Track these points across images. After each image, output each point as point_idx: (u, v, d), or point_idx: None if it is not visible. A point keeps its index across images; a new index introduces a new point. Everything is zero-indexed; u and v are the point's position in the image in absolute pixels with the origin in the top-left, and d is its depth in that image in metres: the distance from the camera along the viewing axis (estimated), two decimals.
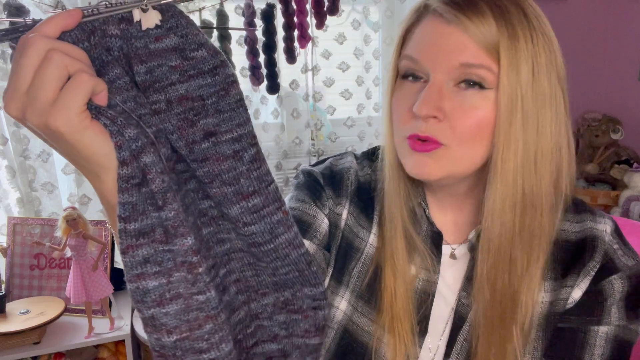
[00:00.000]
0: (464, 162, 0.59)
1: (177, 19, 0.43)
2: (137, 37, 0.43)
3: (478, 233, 0.65)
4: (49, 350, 1.49)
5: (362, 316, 0.68)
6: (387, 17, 2.12)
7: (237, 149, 0.46)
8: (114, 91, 0.42)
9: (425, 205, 0.68)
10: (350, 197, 0.71)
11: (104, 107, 0.41)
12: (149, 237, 0.43)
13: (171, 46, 0.43)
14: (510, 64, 0.55)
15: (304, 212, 0.69)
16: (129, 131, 0.41)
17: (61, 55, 0.38)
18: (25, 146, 1.66)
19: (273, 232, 0.50)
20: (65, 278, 1.59)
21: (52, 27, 0.40)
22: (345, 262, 0.70)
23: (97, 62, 0.42)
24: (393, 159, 0.65)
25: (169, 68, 0.43)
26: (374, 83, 2.11)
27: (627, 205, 2.08)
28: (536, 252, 0.61)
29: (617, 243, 0.64)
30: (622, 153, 2.34)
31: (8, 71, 1.57)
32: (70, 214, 1.45)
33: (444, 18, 0.56)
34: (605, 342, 0.62)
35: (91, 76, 0.39)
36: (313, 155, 2.15)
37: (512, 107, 0.56)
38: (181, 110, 0.45)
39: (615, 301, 0.62)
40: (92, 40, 0.42)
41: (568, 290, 0.64)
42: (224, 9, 1.68)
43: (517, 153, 0.57)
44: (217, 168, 0.46)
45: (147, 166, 0.42)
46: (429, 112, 0.56)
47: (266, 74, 1.82)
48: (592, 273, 0.63)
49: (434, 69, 0.57)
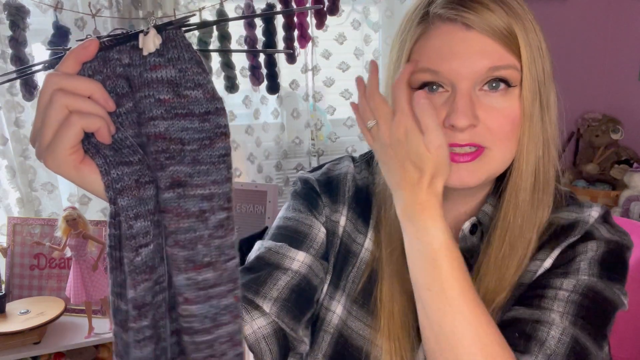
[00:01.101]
0: (503, 162, 0.59)
1: (180, 51, 0.40)
2: (134, 65, 0.40)
3: (472, 224, 0.65)
4: (49, 350, 1.49)
5: (356, 320, 0.68)
6: (387, 17, 2.11)
7: (205, 208, 0.41)
8: (128, 124, 0.41)
9: None
10: (348, 203, 0.71)
11: (102, 144, 0.40)
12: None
13: (166, 78, 0.40)
14: (529, 57, 0.55)
15: (300, 222, 0.69)
16: (113, 171, 0.40)
17: (61, 96, 0.38)
18: (25, 146, 1.66)
19: (216, 320, 0.43)
20: (65, 278, 1.58)
21: (71, 62, 0.40)
22: (343, 267, 0.69)
23: (114, 94, 0.40)
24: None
25: (156, 101, 0.40)
26: None
27: (627, 205, 2.08)
28: (537, 227, 0.62)
29: (602, 224, 0.63)
30: (622, 153, 2.34)
31: (7, 71, 1.57)
32: (70, 214, 1.45)
33: (459, 23, 0.55)
34: (573, 290, 0.58)
35: (82, 116, 0.39)
36: (313, 155, 2.15)
37: (534, 100, 0.56)
38: (154, 149, 0.40)
39: (585, 257, 0.60)
40: (106, 71, 0.40)
41: (538, 262, 0.62)
42: (224, 9, 1.68)
43: (538, 143, 0.58)
44: (174, 225, 0.41)
45: (121, 209, 0.40)
46: (469, 122, 0.55)
47: (266, 74, 1.82)
48: (565, 244, 0.62)
49: (460, 78, 0.55)
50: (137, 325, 0.41)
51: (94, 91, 0.40)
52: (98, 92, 0.40)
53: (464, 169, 0.58)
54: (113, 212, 0.40)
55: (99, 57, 0.40)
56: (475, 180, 0.58)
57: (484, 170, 0.58)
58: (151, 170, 0.41)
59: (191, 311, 0.42)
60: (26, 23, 1.49)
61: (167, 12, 1.71)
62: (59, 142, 0.39)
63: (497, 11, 0.54)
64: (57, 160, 0.39)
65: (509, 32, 0.55)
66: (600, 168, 2.34)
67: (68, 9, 1.57)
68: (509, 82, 0.56)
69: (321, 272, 0.68)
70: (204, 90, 0.41)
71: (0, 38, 1.54)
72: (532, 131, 0.57)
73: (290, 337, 0.64)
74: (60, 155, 0.39)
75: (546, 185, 0.61)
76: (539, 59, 0.57)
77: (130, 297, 0.41)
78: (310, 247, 0.68)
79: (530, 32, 0.56)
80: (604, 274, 0.59)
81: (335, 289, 0.69)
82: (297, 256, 0.66)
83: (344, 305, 0.68)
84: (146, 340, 0.42)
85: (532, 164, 0.58)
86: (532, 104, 0.56)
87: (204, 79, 0.40)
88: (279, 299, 0.63)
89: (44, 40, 1.56)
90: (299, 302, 0.65)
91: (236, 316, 0.44)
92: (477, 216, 0.66)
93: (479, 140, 0.57)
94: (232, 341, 0.44)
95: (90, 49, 0.40)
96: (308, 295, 0.66)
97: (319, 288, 0.69)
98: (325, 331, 0.68)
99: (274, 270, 0.65)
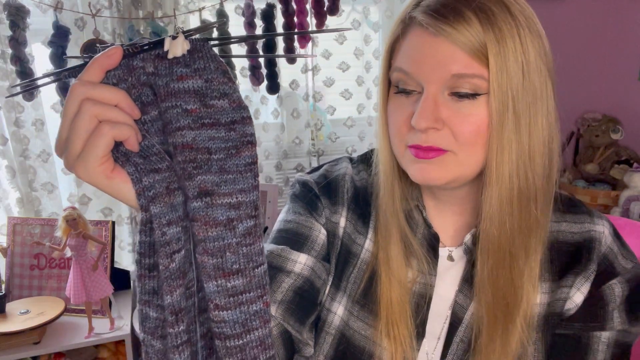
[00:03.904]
0: (469, 166, 0.59)
1: (207, 62, 0.40)
2: (162, 74, 0.40)
3: (474, 235, 0.65)
4: (49, 350, 1.49)
5: (358, 320, 0.68)
6: (387, 17, 2.11)
7: (233, 217, 0.42)
8: (154, 132, 0.41)
9: (423, 207, 0.68)
10: (347, 204, 0.71)
11: (132, 152, 0.40)
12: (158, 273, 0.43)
13: (193, 88, 0.40)
14: (500, 68, 0.54)
15: (301, 224, 0.69)
16: (145, 179, 0.40)
17: (90, 106, 0.38)
18: (25, 146, 1.66)
19: (246, 325, 0.44)
20: (65, 278, 1.59)
21: (95, 71, 0.39)
22: (344, 268, 0.69)
23: (139, 102, 0.41)
24: (388, 164, 0.65)
25: (183, 111, 0.40)
26: (374, 83, 2.11)
27: (627, 205, 2.08)
28: (534, 245, 0.61)
29: (617, 246, 0.64)
30: (622, 153, 2.34)
31: (7, 71, 1.57)
32: (70, 214, 1.45)
33: (430, 30, 0.55)
34: (607, 347, 0.62)
35: (113, 125, 0.39)
36: (313, 155, 2.15)
37: (503, 110, 0.55)
38: (182, 159, 0.41)
39: (616, 306, 0.62)
40: (131, 79, 0.40)
41: (566, 290, 0.64)
42: (224, 9, 1.68)
43: (511, 155, 0.57)
44: (203, 233, 0.42)
45: (153, 216, 0.40)
46: (427, 125, 0.56)
47: (266, 74, 1.82)
48: (592, 277, 0.63)
49: (427, 81, 0.56)
50: (174, 331, 0.42)
51: (121, 100, 0.40)
52: (124, 101, 0.40)
53: (426, 165, 0.58)
54: (144, 219, 0.41)
55: (123, 65, 0.40)
56: (439, 178, 0.58)
57: (447, 170, 0.58)
58: (178, 178, 0.41)
59: (222, 317, 0.43)
60: (26, 23, 1.49)
61: (167, 12, 1.71)
62: (91, 152, 0.39)
63: (470, 21, 0.54)
64: (88, 171, 0.40)
65: (479, 43, 0.54)
66: (600, 168, 2.34)
67: (68, 9, 1.57)
68: (475, 91, 0.55)
69: (323, 274, 0.69)
70: (230, 100, 0.41)
71: (0, 38, 1.54)
72: (503, 140, 0.56)
73: (296, 340, 0.65)
74: (92, 166, 0.39)
75: (531, 198, 0.59)
76: (516, 67, 0.55)
77: (167, 302, 0.41)
78: (312, 249, 0.68)
79: (509, 42, 0.54)
80: (631, 317, 0.63)
81: (336, 290, 0.69)
82: (299, 258, 0.66)
83: (345, 306, 0.68)
84: (184, 344, 0.43)
85: (506, 174, 0.57)
86: (501, 114, 0.55)
87: (230, 88, 0.41)
88: (284, 302, 0.64)
89: (44, 40, 1.56)
90: (303, 304, 0.65)
91: (266, 321, 0.44)
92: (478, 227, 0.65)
93: (441, 143, 0.57)
94: (262, 345, 0.45)
95: (114, 57, 0.39)
96: (311, 297, 0.66)
97: (322, 290, 0.69)
98: (327, 332, 0.68)
99: (277, 273, 0.65)
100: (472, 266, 0.65)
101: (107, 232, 1.66)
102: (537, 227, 0.61)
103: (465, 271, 0.66)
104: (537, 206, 0.60)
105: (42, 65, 1.60)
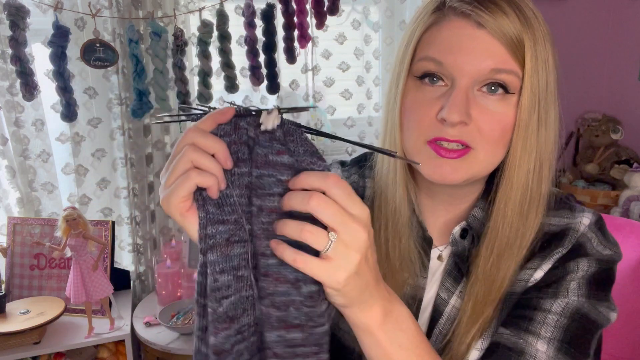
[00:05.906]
0: (487, 165, 0.59)
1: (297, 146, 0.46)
2: (262, 145, 0.46)
3: (462, 228, 0.66)
4: (49, 350, 1.49)
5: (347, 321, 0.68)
6: (387, 17, 2.11)
7: (300, 278, 0.46)
8: (237, 184, 0.46)
9: (420, 211, 0.68)
10: None
11: (209, 198, 0.45)
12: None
13: (287, 163, 0.45)
14: (533, 68, 0.55)
15: None
16: (209, 228, 0.45)
17: (191, 151, 0.43)
18: (25, 146, 1.66)
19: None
20: (65, 278, 1.58)
21: (209, 122, 0.45)
22: None
23: (235, 156, 0.46)
24: (398, 166, 0.64)
25: (277, 180, 0.45)
26: (374, 83, 2.11)
27: (627, 205, 2.08)
28: (526, 240, 0.62)
29: (594, 234, 0.63)
30: (622, 153, 2.34)
31: (7, 71, 1.57)
32: (70, 214, 1.45)
33: (472, 20, 0.55)
34: (562, 313, 0.59)
35: (200, 173, 0.43)
36: None
37: (531, 111, 0.56)
38: (266, 220, 0.46)
39: (576, 277, 0.60)
40: (235, 136, 0.46)
41: (530, 272, 0.62)
42: (224, 9, 1.68)
43: (531, 156, 0.57)
44: (272, 287, 0.46)
45: (209, 263, 0.45)
46: (460, 118, 0.55)
47: (266, 74, 1.82)
48: (557, 256, 0.62)
49: (461, 74, 0.55)
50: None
51: (218, 150, 0.44)
52: (221, 152, 0.44)
53: (447, 164, 0.58)
54: (202, 262, 0.46)
55: (232, 122, 0.46)
56: (457, 178, 0.58)
57: (466, 169, 0.58)
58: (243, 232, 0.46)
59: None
60: (26, 23, 1.49)
61: (167, 12, 1.71)
62: (176, 190, 0.44)
63: (511, 16, 0.54)
64: (169, 204, 0.45)
65: (518, 39, 0.54)
66: (600, 168, 2.34)
67: (68, 9, 1.57)
68: (508, 87, 0.56)
69: None
70: None
71: (0, 38, 1.54)
72: (527, 142, 0.57)
73: None
74: (173, 201, 0.44)
75: (537, 201, 0.60)
76: (544, 72, 0.56)
77: (212, 343, 0.46)
78: None
79: (540, 45, 0.56)
80: (592, 294, 0.60)
81: None
82: None
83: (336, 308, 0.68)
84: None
85: (523, 176, 0.58)
86: (529, 114, 0.56)
87: (317, 165, 0.46)
88: None
89: (44, 40, 1.56)
90: None
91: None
92: (467, 220, 0.66)
93: (467, 138, 0.57)
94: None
95: (227, 115, 0.45)
96: None
97: None
98: None
99: None
100: (456, 260, 0.65)
101: (107, 232, 1.66)
102: (533, 225, 0.61)
103: (449, 265, 0.66)
104: (539, 208, 0.61)
105: (42, 66, 1.60)
